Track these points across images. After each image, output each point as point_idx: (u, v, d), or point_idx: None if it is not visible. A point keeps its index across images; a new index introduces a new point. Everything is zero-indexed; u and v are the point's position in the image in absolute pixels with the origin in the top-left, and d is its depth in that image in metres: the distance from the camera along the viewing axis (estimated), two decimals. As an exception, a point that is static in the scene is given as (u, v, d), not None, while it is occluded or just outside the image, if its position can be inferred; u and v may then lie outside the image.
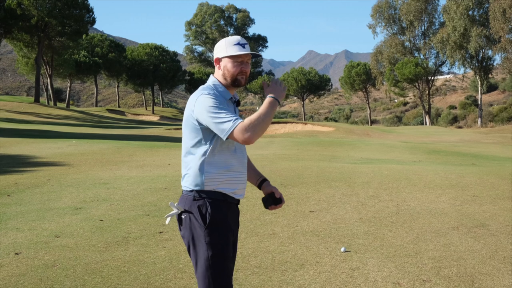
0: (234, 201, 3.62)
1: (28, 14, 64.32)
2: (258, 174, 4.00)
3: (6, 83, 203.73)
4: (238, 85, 3.62)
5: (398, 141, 37.34)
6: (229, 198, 3.57)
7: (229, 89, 3.65)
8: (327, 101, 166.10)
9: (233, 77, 3.60)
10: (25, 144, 21.96)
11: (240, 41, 3.61)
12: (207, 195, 3.51)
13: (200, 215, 3.48)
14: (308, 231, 7.76)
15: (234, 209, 3.66)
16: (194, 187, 3.53)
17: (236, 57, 3.58)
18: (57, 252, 6.58)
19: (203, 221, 3.46)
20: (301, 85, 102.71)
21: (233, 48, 3.57)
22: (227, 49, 3.59)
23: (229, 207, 3.57)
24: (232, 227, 3.58)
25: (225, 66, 3.61)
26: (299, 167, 14.91)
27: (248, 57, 3.65)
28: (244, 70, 3.61)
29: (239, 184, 3.61)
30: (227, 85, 3.63)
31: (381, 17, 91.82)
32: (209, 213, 3.46)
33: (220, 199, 3.52)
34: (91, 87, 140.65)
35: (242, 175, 3.65)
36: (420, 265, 6.13)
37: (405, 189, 11.23)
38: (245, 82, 3.66)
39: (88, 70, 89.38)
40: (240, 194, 3.66)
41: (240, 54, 3.55)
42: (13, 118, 48.75)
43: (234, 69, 3.58)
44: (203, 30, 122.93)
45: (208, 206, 3.48)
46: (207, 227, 3.45)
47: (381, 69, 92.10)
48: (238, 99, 3.74)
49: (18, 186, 11.53)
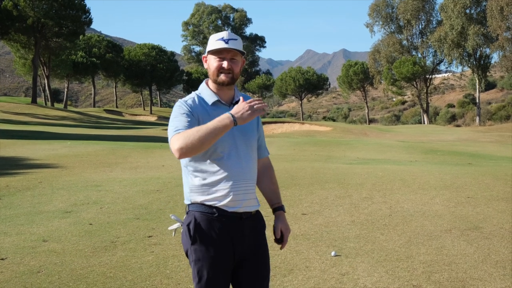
0: (229, 214, 3.26)
1: (24, 15, 64.15)
2: (273, 199, 3.68)
3: (4, 84, 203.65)
4: (221, 83, 3.32)
5: (395, 140, 37.29)
6: (221, 211, 3.25)
7: (222, 90, 3.38)
8: (326, 100, 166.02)
9: (214, 74, 3.34)
10: (19, 146, 21.84)
11: (224, 37, 3.32)
12: (194, 209, 3.29)
13: (187, 230, 3.27)
14: (299, 234, 7.67)
15: (235, 223, 3.29)
16: (185, 200, 3.38)
17: (217, 53, 3.33)
18: (43, 257, 6.48)
19: (189, 236, 3.25)
20: (299, 84, 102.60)
21: (216, 43, 3.32)
22: (210, 45, 3.36)
23: (222, 222, 3.25)
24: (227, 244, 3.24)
25: (209, 63, 3.39)
26: (294, 168, 14.83)
27: (232, 54, 3.34)
28: (226, 67, 3.31)
29: (233, 195, 3.24)
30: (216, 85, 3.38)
31: (379, 16, 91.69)
32: (193, 229, 3.24)
33: (209, 212, 3.25)
34: (89, 88, 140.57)
35: (235, 186, 3.26)
36: (411, 269, 6.04)
37: (399, 191, 11.14)
38: (230, 80, 3.34)
39: (85, 70, 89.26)
40: (235, 206, 3.27)
41: (219, 48, 3.29)
42: (9, 119, 48.63)
43: (213, 66, 3.33)
44: (201, 30, 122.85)
45: (193, 221, 3.25)
46: (192, 243, 3.24)
47: (379, 68, 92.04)
48: (238, 100, 3.37)
49: (9, 189, 11.43)
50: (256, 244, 3.41)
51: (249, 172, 3.36)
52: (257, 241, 3.42)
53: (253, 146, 3.46)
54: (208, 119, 3.16)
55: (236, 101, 3.39)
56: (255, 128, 3.52)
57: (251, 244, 3.36)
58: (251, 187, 3.38)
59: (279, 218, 3.64)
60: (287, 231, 3.63)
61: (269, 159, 3.77)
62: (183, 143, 2.99)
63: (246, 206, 3.33)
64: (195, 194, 3.28)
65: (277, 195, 3.69)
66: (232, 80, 3.35)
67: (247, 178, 3.34)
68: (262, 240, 3.48)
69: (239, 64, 3.38)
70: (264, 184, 3.67)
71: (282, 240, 3.62)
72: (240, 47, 3.34)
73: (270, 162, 3.77)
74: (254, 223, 3.43)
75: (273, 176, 3.72)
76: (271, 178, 3.70)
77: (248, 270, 3.37)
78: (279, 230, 3.60)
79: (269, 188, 3.68)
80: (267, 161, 3.73)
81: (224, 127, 3.00)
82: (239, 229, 3.30)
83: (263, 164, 3.68)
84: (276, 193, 3.69)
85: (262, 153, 3.67)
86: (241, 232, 3.31)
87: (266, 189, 3.68)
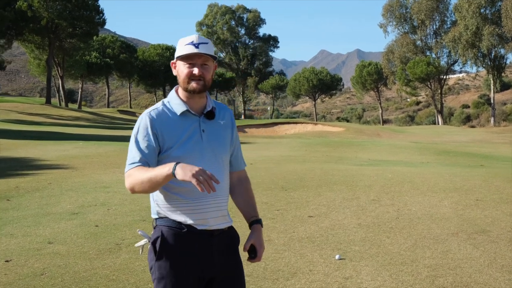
0: (198, 231, 3.06)
1: (38, 16, 64.55)
2: (249, 212, 3.41)
3: (19, 84, 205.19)
4: (192, 91, 3.08)
5: (408, 141, 37.12)
6: (190, 228, 3.05)
7: (193, 98, 3.15)
8: (340, 101, 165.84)
9: (184, 82, 3.09)
10: (31, 147, 21.96)
11: (194, 41, 3.07)
12: (162, 223, 3.09)
13: (153, 246, 3.05)
14: (305, 237, 7.63)
15: (204, 241, 3.08)
16: (152, 214, 3.19)
17: (186, 58, 3.08)
18: (47, 259, 6.50)
19: (154, 252, 3.03)
20: (313, 84, 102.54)
21: (184, 48, 3.07)
22: (179, 49, 3.11)
23: (191, 239, 3.05)
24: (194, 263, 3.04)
25: (178, 69, 3.14)
26: (303, 170, 14.80)
27: (204, 59, 3.09)
28: (197, 74, 3.06)
29: (197, 213, 3.05)
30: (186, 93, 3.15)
31: (392, 16, 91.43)
32: (159, 245, 3.02)
33: (177, 228, 3.05)
34: (103, 88, 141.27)
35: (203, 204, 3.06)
36: (416, 273, 5.99)
37: (408, 193, 11.07)
38: (202, 88, 3.09)
39: (99, 71, 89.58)
40: (205, 225, 3.07)
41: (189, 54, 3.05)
42: (23, 120, 48.89)
43: (183, 73, 3.08)
44: (214, 30, 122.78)
45: (160, 236, 3.04)
46: (157, 259, 3.01)
47: (393, 68, 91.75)
48: (210, 110, 3.18)
49: (18, 190, 11.48)
50: (228, 262, 3.18)
51: (220, 189, 3.13)
52: (229, 259, 3.19)
53: (225, 160, 3.24)
54: (174, 131, 3.03)
55: (208, 110, 3.17)
56: (228, 141, 3.28)
57: (222, 263, 3.14)
58: (223, 203, 3.17)
59: (254, 232, 3.35)
60: (261, 247, 3.35)
61: (245, 172, 3.52)
62: (130, 185, 2.97)
63: (217, 223, 3.13)
64: (162, 209, 3.10)
65: (254, 207, 3.43)
66: (203, 87, 3.10)
67: (218, 195, 3.12)
68: (235, 258, 3.25)
69: (210, 70, 3.14)
70: (240, 197, 3.42)
71: (255, 255, 3.34)
72: (211, 51, 3.11)
73: (246, 174, 3.53)
74: (227, 240, 3.21)
75: (249, 189, 3.47)
76: (247, 190, 3.45)
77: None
78: (249, 243, 3.31)
79: (245, 201, 3.42)
80: (243, 174, 3.49)
81: (165, 177, 2.80)
82: (208, 246, 3.09)
83: (239, 177, 3.45)
84: (253, 205, 3.43)
85: (238, 166, 3.45)
86: (210, 250, 3.10)
87: (241, 202, 3.42)
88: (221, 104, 3.34)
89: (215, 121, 3.20)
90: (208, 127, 3.16)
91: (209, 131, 3.15)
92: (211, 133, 3.16)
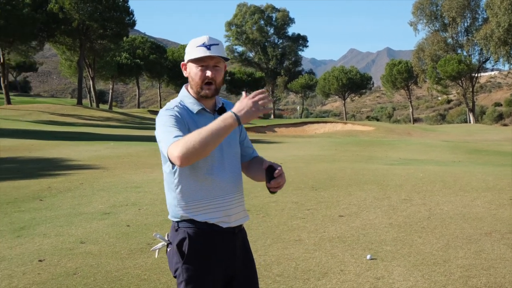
0: (223, 230, 3.10)
1: (69, 18, 65.33)
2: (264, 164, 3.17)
3: (51, 85, 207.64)
4: (204, 96, 3.11)
5: (439, 140, 36.80)
6: (216, 227, 3.07)
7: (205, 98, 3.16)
8: (369, 100, 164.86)
9: (197, 86, 3.09)
10: (63, 147, 22.21)
11: (206, 42, 3.04)
12: (185, 225, 3.07)
13: (177, 248, 3.05)
14: (335, 237, 7.59)
15: (228, 239, 3.13)
16: (172, 217, 3.16)
17: (198, 61, 3.07)
18: (80, 259, 6.56)
19: (180, 254, 3.04)
20: (342, 84, 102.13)
21: (196, 50, 3.05)
22: (190, 52, 3.09)
23: (217, 239, 3.08)
24: (221, 263, 3.08)
25: (190, 72, 3.14)
26: (333, 169, 14.73)
27: (215, 60, 3.09)
28: (210, 76, 3.07)
29: (222, 211, 3.07)
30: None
31: (423, 14, 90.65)
32: (187, 247, 3.02)
33: (203, 229, 3.06)
34: (134, 89, 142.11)
35: (227, 200, 3.10)
36: (448, 274, 5.92)
37: (439, 192, 10.95)
38: (214, 92, 3.11)
39: (129, 71, 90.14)
40: (228, 222, 3.11)
41: (202, 57, 3.03)
42: (55, 121, 49.43)
43: (197, 76, 3.08)
44: (243, 30, 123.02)
45: (187, 238, 3.04)
46: (184, 262, 3.02)
47: (423, 66, 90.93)
48: (221, 107, 3.21)
49: (51, 190, 11.62)
50: (245, 259, 3.24)
51: (238, 184, 3.19)
52: (246, 256, 3.25)
53: (238, 153, 3.26)
54: (195, 128, 2.91)
55: (219, 107, 3.19)
56: (238, 133, 3.31)
57: (241, 259, 3.19)
58: (242, 199, 3.22)
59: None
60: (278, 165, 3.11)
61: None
62: (184, 149, 2.73)
63: (238, 219, 3.18)
64: (185, 210, 3.06)
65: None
66: (215, 92, 3.12)
67: (236, 191, 3.16)
68: (251, 255, 3.30)
69: (222, 72, 3.13)
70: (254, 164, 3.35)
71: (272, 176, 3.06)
72: (222, 52, 3.09)
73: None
74: (243, 236, 3.28)
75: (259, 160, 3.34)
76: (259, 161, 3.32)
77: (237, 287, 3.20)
78: (267, 164, 3.09)
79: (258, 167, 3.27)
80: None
81: (229, 127, 2.75)
82: (231, 244, 3.14)
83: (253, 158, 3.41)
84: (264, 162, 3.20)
85: (252, 154, 3.42)
86: (233, 247, 3.15)
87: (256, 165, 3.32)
88: (226, 100, 3.35)
89: None
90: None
91: None
92: None
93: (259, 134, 49.12)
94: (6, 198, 10.81)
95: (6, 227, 8.32)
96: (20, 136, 28.43)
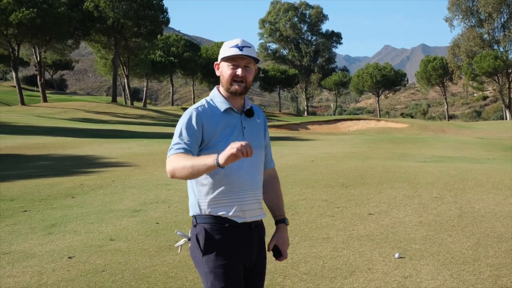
0: (238, 224, 3.24)
1: (104, 16, 66.17)
2: (275, 211, 3.58)
3: (87, 83, 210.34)
4: (233, 92, 3.26)
5: (474, 137, 36.34)
6: (231, 222, 3.22)
7: (233, 98, 3.32)
8: (404, 97, 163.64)
9: (227, 82, 3.25)
10: (97, 145, 22.44)
11: (238, 44, 3.22)
12: (203, 220, 3.23)
13: (197, 243, 3.22)
14: (364, 235, 7.55)
15: (244, 233, 3.27)
16: (192, 212, 3.33)
17: (230, 60, 3.24)
18: (109, 256, 6.63)
19: (199, 248, 3.20)
20: (376, 80, 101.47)
21: (229, 50, 3.22)
22: (223, 52, 3.25)
23: (233, 232, 3.22)
24: (238, 254, 3.22)
25: (222, 70, 3.31)
26: (364, 167, 14.63)
27: (247, 61, 3.25)
28: (240, 74, 3.23)
29: (236, 205, 3.22)
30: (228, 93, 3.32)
31: (459, 9, 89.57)
32: (204, 240, 3.18)
33: (219, 223, 3.21)
34: (168, 86, 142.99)
35: (242, 196, 3.23)
36: (477, 273, 5.85)
37: (471, 190, 10.80)
38: (243, 90, 3.27)
39: (163, 69, 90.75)
40: (244, 217, 3.25)
41: (234, 55, 3.20)
42: (90, 118, 50.04)
43: (227, 73, 3.25)
44: (277, 27, 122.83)
45: (203, 232, 3.20)
46: (204, 254, 3.17)
47: (459, 63, 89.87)
48: (249, 108, 3.38)
49: (83, 188, 11.76)
50: (260, 254, 3.39)
51: (257, 182, 3.34)
52: (260, 251, 3.39)
53: (261, 155, 3.41)
54: (218, 126, 3.21)
55: (247, 109, 3.35)
56: (263, 136, 3.48)
57: (256, 254, 3.35)
58: (259, 196, 3.37)
59: (278, 231, 3.55)
60: (284, 245, 3.53)
61: (275, 171, 3.70)
62: (172, 170, 3.05)
63: (254, 215, 3.31)
64: (203, 205, 3.24)
65: (281, 208, 3.60)
66: (245, 90, 3.28)
67: (255, 188, 3.31)
68: (264, 251, 3.45)
69: (252, 72, 3.30)
70: (268, 195, 3.58)
71: (279, 254, 3.54)
72: (254, 54, 3.26)
73: (276, 173, 3.70)
74: (260, 231, 3.42)
75: (277, 189, 3.64)
76: (275, 190, 3.61)
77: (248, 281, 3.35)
78: (272, 243, 3.51)
79: (273, 201, 3.59)
80: (273, 173, 3.66)
81: (208, 168, 2.89)
82: (248, 238, 3.29)
83: (269, 175, 3.62)
84: (280, 206, 3.60)
85: (268, 164, 3.61)
86: (250, 241, 3.30)
87: (269, 201, 3.59)
88: (254, 106, 3.48)
89: (253, 119, 3.41)
90: (248, 124, 3.36)
91: (249, 128, 3.35)
92: (251, 130, 3.36)
93: (292, 131, 49.08)
94: (39, 195, 10.97)
95: (38, 224, 8.45)
96: (55, 134, 28.81)
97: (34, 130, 31.40)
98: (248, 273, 3.33)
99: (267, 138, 3.56)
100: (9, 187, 11.90)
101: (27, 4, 54.21)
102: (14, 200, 10.46)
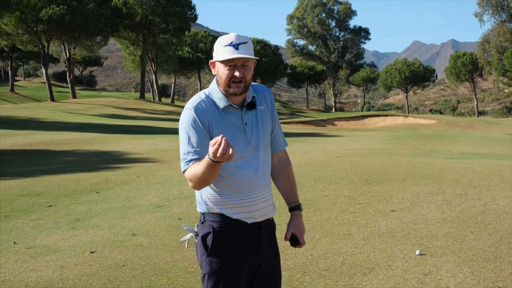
0: (248, 225, 3.12)
1: (133, 13, 66.70)
2: (289, 198, 3.43)
3: (116, 79, 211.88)
4: (232, 94, 3.05)
5: (503, 133, 35.92)
6: (240, 222, 3.10)
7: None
8: (433, 93, 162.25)
9: (225, 84, 3.03)
10: (124, 141, 22.63)
11: (233, 42, 2.99)
12: (211, 218, 3.11)
13: (203, 242, 3.10)
14: (385, 232, 7.51)
15: (253, 233, 3.16)
16: (199, 208, 3.21)
17: (226, 61, 3.01)
18: (130, 251, 6.68)
19: (204, 247, 3.09)
20: (405, 76, 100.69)
21: (224, 50, 3.00)
22: (218, 52, 3.04)
23: (242, 233, 3.11)
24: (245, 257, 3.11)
25: (218, 71, 3.08)
26: (389, 163, 14.55)
27: (244, 59, 3.02)
28: (238, 76, 3.01)
29: (244, 207, 3.09)
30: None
31: (489, 4, 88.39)
32: (211, 240, 3.07)
33: (227, 223, 3.09)
34: (196, 82, 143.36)
35: (250, 197, 3.10)
36: (499, 270, 5.79)
37: (496, 187, 10.67)
38: (243, 90, 3.05)
39: (191, 65, 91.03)
40: (254, 217, 3.13)
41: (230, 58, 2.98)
42: (119, 114, 50.41)
43: (224, 75, 3.03)
44: (305, 23, 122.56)
45: (211, 231, 3.08)
46: (208, 254, 3.06)
47: (489, 58, 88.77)
48: (250, 101, 3.16)
49: (108, 183, 11.88)
50: (271, 251, 3.26)
51: (265, 178, 3.20)
52: (271, 248, 3.27)
53: (267, 145, 3.26)
54: (219, 125, 3.04)
55: (247, 103, 3.14)
56: (269, 125, 3.29)
57: (266, 252, 3.21)
58: (268, 193, 3.22)
59: (293, 219, 3.40)
60: (300, 232, 3.39)
61: (286, 153, 3.50)
62: (194, 184, 2.93)
63: (264, 214, 3.18)
64: (211, 204, 3.11)
65: (294, 193, 3.44)
66: (244, 90, 3.06)
67: (263, 185, 3.17)
68: (276, 247, 3.33)
69: (251, 69, 3.07)
70: (280, 181, 3.43)
71: (297, 242, 3.41)
72: (251, 52, 3.03)
73: (287, 156, 3.50)
74: (270, 228, 3.30)
75: (289, 172, 3.46)
76: (287, 174, 3.44)
77: (261, 278, 3.23)
78: (290, 233, 3.37)
79: (285, 186, 3.43)
80: (283, 156, 3.46)
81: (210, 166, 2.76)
82: (257, 239, 3.16)
83: (280, 159, 3.44)
84: (293, 191, 3.43)
85: (279, 147, 3.41)
86: (259, 241, 3.17)
87: (282, 187, 3.43)
88: (258, 86, 3.30)
89: (255, 110, 3.19)
90: (250, 118, 3.16)
91: (251, 123, 3.16)
92: (253, 125, 3.17)
93: (318, 127, 48.98)
94: (65, 190, 11.12)
95: (62, 219, 8.56)
96: (83, 129, 29.11)
97: (62, 126, 31.75)
98: (261, 274, 3.22)
99: (275, 120, 3.35)
100: (35, 182, 12.07)
101: (57, 1, 54.93)
102: (40, 195, 10.61)
